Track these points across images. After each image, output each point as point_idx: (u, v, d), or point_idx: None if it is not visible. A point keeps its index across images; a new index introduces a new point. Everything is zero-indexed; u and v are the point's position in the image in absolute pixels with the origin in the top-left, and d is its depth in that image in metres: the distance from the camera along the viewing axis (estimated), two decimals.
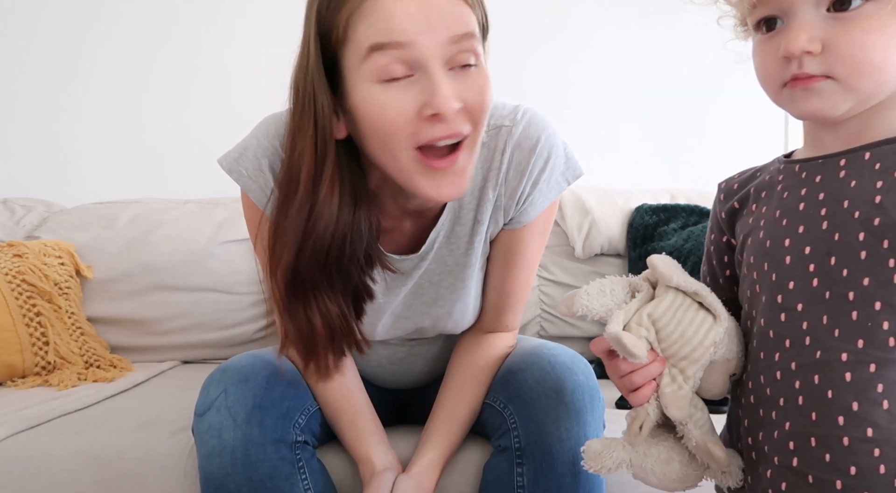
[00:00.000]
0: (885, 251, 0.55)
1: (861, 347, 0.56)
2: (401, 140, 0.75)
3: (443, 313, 0.98)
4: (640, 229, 1.65)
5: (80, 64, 1.94)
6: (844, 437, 0.56)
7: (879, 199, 0.56)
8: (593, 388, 0.92)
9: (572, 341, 1.62)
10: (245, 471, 0.85)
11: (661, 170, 1.98)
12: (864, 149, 0.59)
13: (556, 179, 0.93)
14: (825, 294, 0.58)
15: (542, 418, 0.88)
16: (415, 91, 0.73)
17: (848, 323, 0.56)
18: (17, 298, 1.46)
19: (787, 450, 0.59)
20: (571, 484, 0.87)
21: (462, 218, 0.93)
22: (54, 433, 1.09)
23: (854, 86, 0.56)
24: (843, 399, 0.56)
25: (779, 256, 0.62)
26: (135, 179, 1.93)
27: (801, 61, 0.56)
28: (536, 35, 1.97)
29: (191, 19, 1.95)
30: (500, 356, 0.99)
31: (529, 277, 1.00)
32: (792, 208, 0.62)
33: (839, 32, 0.55)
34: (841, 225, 0.58)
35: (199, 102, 1.95)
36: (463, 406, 0.97)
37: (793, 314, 0.60)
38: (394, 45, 0.71)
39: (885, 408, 0.54)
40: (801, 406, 0.58)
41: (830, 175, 0.60)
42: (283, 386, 0.92)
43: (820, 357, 0.57)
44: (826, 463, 0.56)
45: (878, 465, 0.54)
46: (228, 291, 1.64)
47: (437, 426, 0.97)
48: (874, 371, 0.55)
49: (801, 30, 0.56)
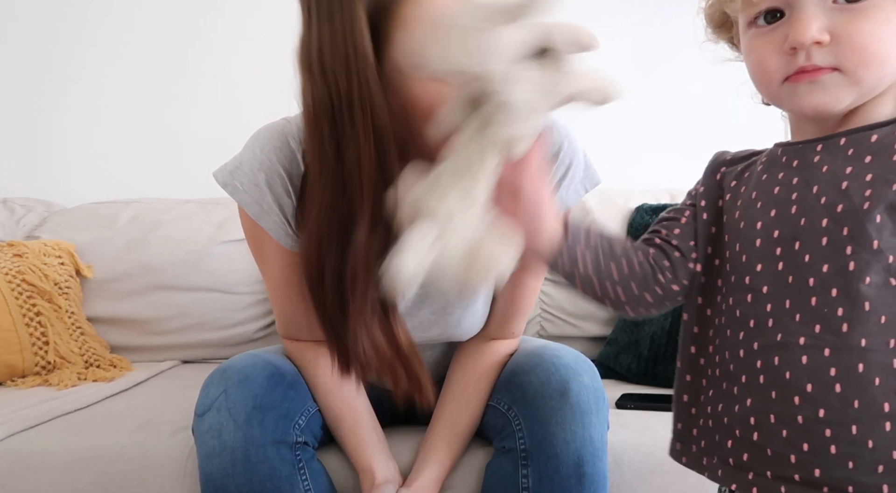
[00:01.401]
0: (843, 238, 0.56)
1: (818, 332, 0.57)
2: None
3: (452, 321, 0.98)
4: (640, 229, 1.65)
5: (80, 64, 1.94)
6: (799, 416, 0.58)
7: (846, 185, 0.56)
8: (598, 389, 0.92)
9: (572, 341, 1.61)
10: (245, 472, 0.85)
11: (661, 170, 1.98)
12: (841, 135, 0.59)
13: (576, 187, 0.93)
14: (788, 278, 0.59)
15: (547, 419, 0.88)
16: None
17: (807, 308, 0.58)
18: (17, 297, 1.46)
19: (748, 424, 0.61)
20: (576, 486, 0.87)
21: None
22: (54, 433, 1.09)
23: (861, 78, 0.56)
24: (799, 381, 0.58)
25: (750, 237, 0.63)
26: (135, 179, 1.93)
27: (808, 53, 0.56)
28: None
29: (192, 19, 1.95)
30: (501, 363, 0.99)
31: (538, 284, 1.00)
32: (767, 191, 0.63)
33: (847, 23, 0.55)
34: (808, 210, 0.58)
35: (199, 102, 1.94)
36: (464, 418, 0.97)
37: (758, 296, 0.61)
38: None
39: (837, 391, 0.56)
40: (762, 385, 0.60)
41: (806, 160, 0.60)
42: (283, 387, 0.92)
43: (780, 340, 0.59)
44: (783, 438, 0.59)
45: (829, 445, 0.56)
46: (228, 291, 1.64)
47: (437, 440, 0.96)
48: (828, 356, 0.57)
49: (811, 20, 0.55)
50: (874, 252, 0.55)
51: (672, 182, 1.91)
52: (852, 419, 0.55)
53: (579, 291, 0.69)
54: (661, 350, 1.44)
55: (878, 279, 0.55)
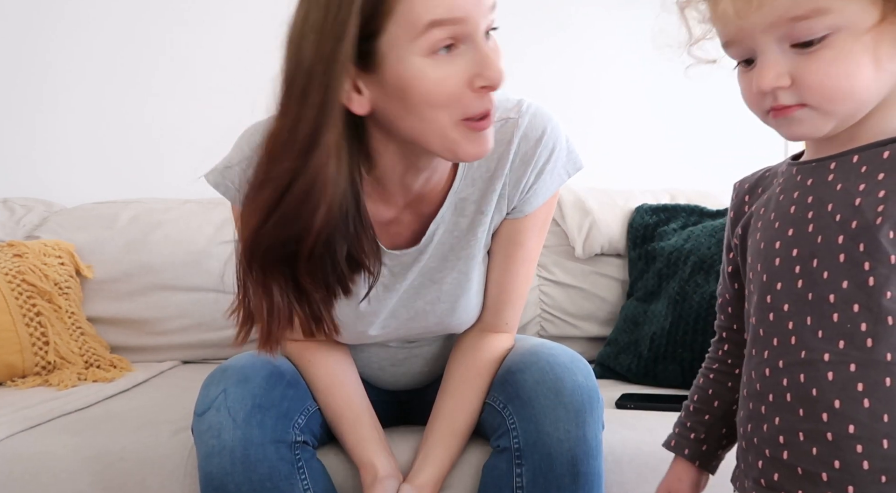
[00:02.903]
0: (860, 254, 0.57)
1: (842, 347, 0.57)
2: (451, 111, 0.76)
3: (446, 310, 0.98)
4: (640, 229, 1.65)
5: (80, 64, 1.93)
6: (828, 433, 0.58)
7: (859, 201, 0.58)
8: (592, 388, 0.92)
9: (572, 341, 1.61)
10: (244, 471, 0.85)
11: (661, 170, 1.98)
12: (853, 152, 0.60)
13: (559, 171, 0.95)
14: (808, 296, 0.60)
15: (541, 418, 0.88)
16: (464, 63, 0.75)
17: (829, 324, 0.58)
18: (17, 297, 1.46)
19: (777, 444, 0.61)
20: (570, 485, 0.87)
21: (465, 209, 0.93)
22: (54, 433, 1.09)
23: (830, 111, 0.58)
24: (827, 397, 0.58)
25: (770, 257, 0.64)
26: (135, 179, 1.93)
27: (775, 95, 0.58)
28: (537, 32, 1.97)
29: (192, 19, 1.95)
30: (497, 359, 0.99)
31: (529, 272, 1.00)
32: (784, 211, 0.64)
33: (805, 66, 0.57)
34: (824, 228, 0.59)
35: (199, 102, 1.94)
36: (462, 416, 0.97)
37: (780, 314, 0.62)
38: (454, 20, 0.73)
39: (866, 406, 0.56)
40: (789, 403, 0.60)
41: (821, 178, 0.62)
42: (282, 386, 0.92)
43: (805, 357, 0.59)
44: (813, 457, 0.59)
45: (861, 461, 0.56)
46: (228, 291, 1.64)
47: (437, 439, 0.96)
48: (854, 371, 0.57)
49: (769, 68, 0.57)
50: (892, 267, 0.56)
51: (672, 182, 1.91)
52: (883, 434, 0.56)
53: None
54: (661, 350, 1.44)
55: None
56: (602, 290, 1.67)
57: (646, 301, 1.55)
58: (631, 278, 1.64)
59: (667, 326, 1.45)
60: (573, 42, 1.98)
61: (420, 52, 0.74)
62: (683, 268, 1.50)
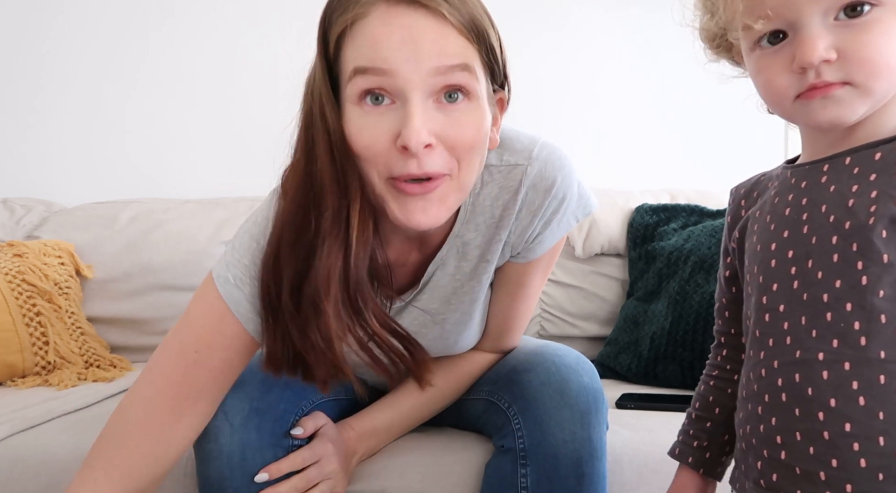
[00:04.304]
0: (853, 254, 0.57)
1: (836, 346, 0.58)
2: (378, 167, 0.73)
3: (449, 344, 0.98)
4: (640, 229, 1.65)
5: (80, 64, 1.94)
6: (825, 431, 0.58)
7: (852, 202, 0.58)
8: (597, 390, 0.92)
9: (572, 341, 1.62)
10: (242, 475, 0.85)
11: (661, 170, 1.98)
12: (846, 154, 0.61)
13: (567, 219, 0.92)
14: (803, 296, 0.60)
15: (547, 419, 0.88)
16: (391, 119, 0.71)
17: (823, 324, 0.59)
18: (17, 297, 1.46)
19: (775, 444, 0.62)
20: (575, 486, 0.87)
21: (468, 254, 0.91)
22: (54, 433, 1.09)
23: (872, 88, 0.57)
24: (822, 396, 0.58)
25: (766, 259, 0.64)
26: (135, 179, 1.93)
27: (818, 71, 0.57)
28: (534, 32, 1.97)
29: (193, 19, 1.95)
30: (476, 374, 1.02)
31: (532, 305, 1.00)
32: (779, 213, 0.64)
33: (852, 38, 0.56)
34: (818, 229, 0.60)
35: (199, 102, 1.95)
36: (421, 414, 1.00)
37: (775, 315, 0.63)
38: (376, 71, 0.70)
39: (861, 404, 0.57)
40: (786, 403, 0.61)
41: (814, 180, 0.62)
42: (279, 388, 0.92)
43: (800, 356, 0.60)
44: (811, 456, 0.59)
45: (859, 459, 0.56)
46: None
47: (391, 422, 0.99)
48: (849, 369, 0.57)
49: (817, 39, 0.56)
50: (885, 266, 0.56)
51: (672, 182, 1.91)
52: (879, 431, 0.56)
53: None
54: (661, 350, 1.44)
55: (891, 292, 0.56)
56: (602, 290, 1.67)
57: (646, 301, 1.56)
58: (631, 278, 1.64)
59: (667, 326, 1.45)
60: (572, 40, 1.98)
61: (350, 99, 0.73)
62: (683, 268, 1.50)
